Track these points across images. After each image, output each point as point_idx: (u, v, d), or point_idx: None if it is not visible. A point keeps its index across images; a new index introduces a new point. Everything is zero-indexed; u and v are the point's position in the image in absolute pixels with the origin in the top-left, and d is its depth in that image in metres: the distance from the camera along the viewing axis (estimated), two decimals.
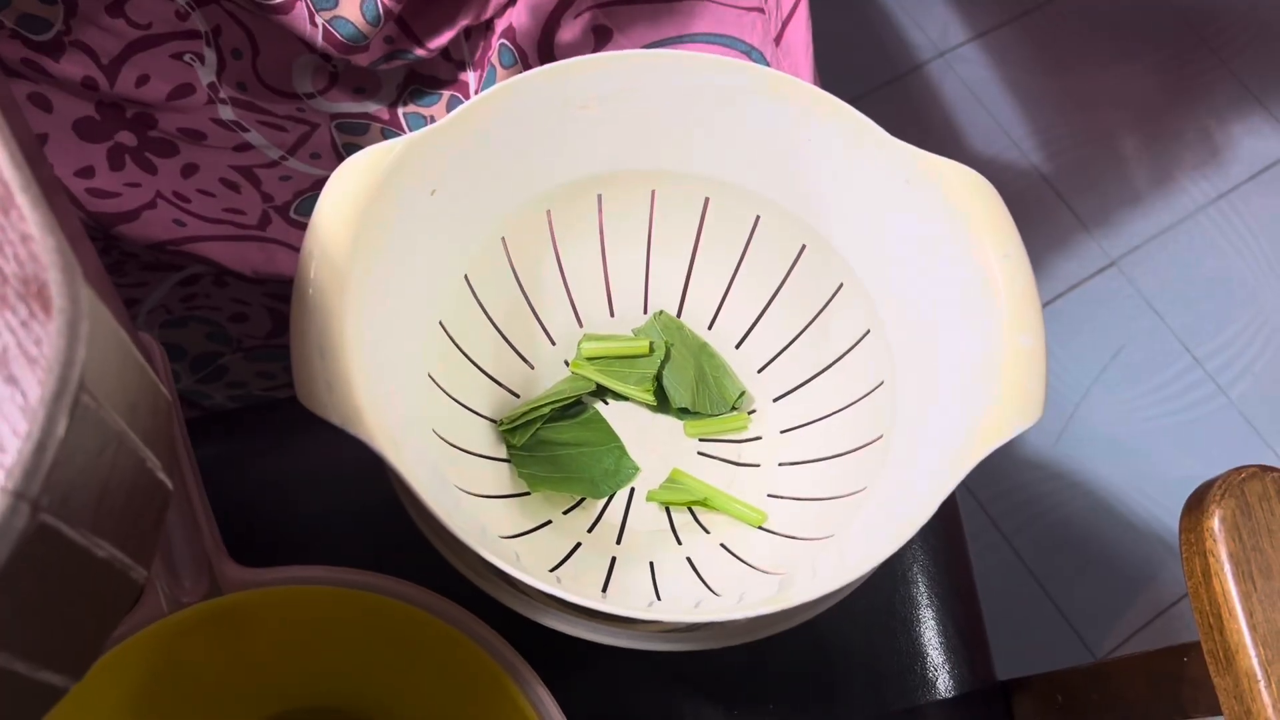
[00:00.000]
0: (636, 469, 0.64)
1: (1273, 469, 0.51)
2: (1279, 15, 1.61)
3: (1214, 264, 1.44)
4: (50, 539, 0.24)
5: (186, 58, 0.57)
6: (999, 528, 1.25)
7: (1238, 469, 0.50)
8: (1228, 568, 0.48)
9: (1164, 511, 1.27)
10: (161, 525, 0.31)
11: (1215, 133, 1.53)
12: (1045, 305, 1.38)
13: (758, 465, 0.64)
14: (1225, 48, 1.58)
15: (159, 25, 0.55)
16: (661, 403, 0.66)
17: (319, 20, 0.57)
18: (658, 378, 0.65)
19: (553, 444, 0.63)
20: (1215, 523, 0.49)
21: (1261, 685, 0.47)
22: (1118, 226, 1.45)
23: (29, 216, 0.26)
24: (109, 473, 0.27)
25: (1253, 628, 0.47)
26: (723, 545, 0.61)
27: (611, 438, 0.64)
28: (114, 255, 0.64)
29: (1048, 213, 1.45)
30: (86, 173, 0.60)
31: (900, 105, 1.46)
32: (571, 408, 0.65)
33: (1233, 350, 1.39)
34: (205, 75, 0.58)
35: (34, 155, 0.30)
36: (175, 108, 0.59)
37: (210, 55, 0.57)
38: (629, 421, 0.66)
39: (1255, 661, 0.47)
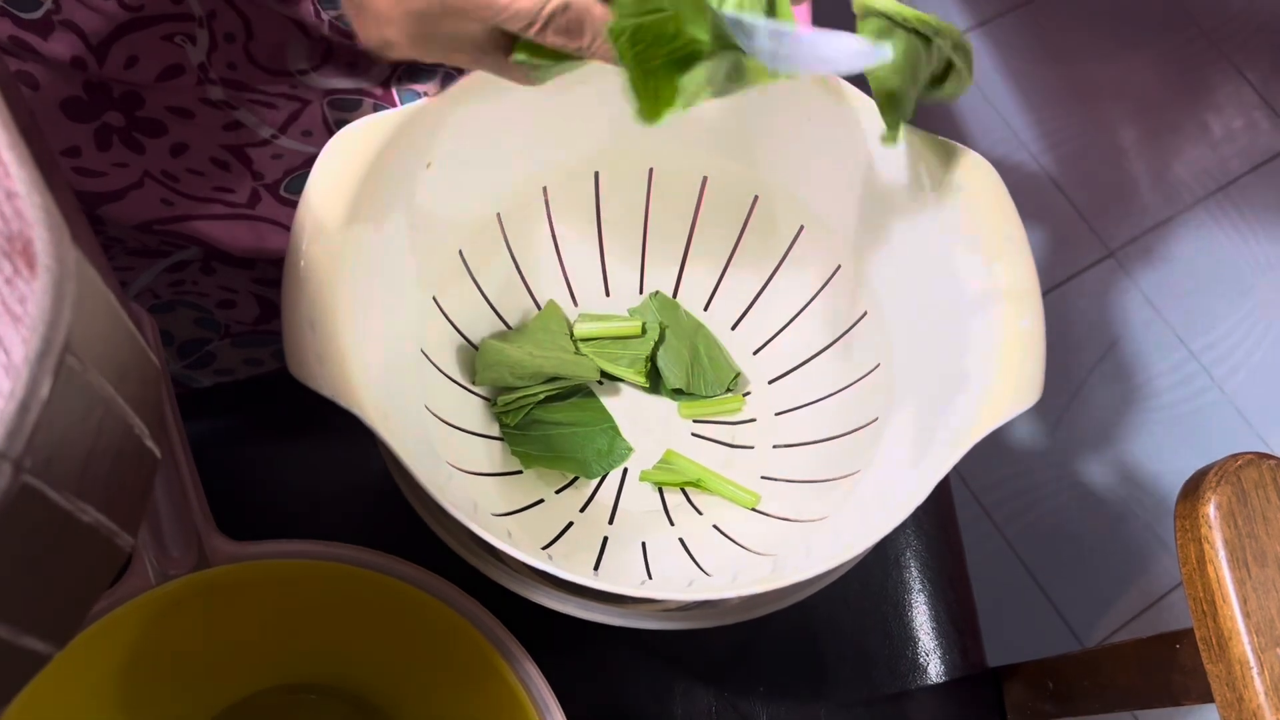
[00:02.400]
0: (629, 449, 0.63)
1: (1269, 456, 0.50)
2: (1279, 8, 1.61)
3: (1211, 257, 1.44)
4: (33, 501, 0.24)
5: (177, 39, 0.56)
6: (991, 517, 1.25)
7: (1234, 456, 0.50)
8: (1222, 554, 0.48)
9: (1156, 504, 1.27)
10: (149, 493, 0.31)
11: (1214, 126, 1.52)
12: (1042, 295, 1.38)
13: (752, 447, 0.64)
14: (1226, 41, 1.58)
15: (151, 7, 0.54)
16: (656, 384, 0.66)
17: (325, 16, 0.56)
18: (652, 359, 0.65)
19: (546, 423, 0.63)
20: (1211, 509, 0.49)
21: (1254, 672, 0.47)
22: (1115, 218, 1.44)
23: (15, 173, 0.25)
24: (95, 437, 0.26)
25: (1246, 615, 0.47)
26: (715, 526, 0.60)
27: (605, 418, 0.64)
28: (100, 239, 0.63)
29: (1046, 203, 1.44)
30: (73, 152, 0.59)
31: None
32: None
33: (1228, 343, 1.38)
34: (196, 56, 0.57)
35: (27, 125, 0.30)
36: (164, 88, 0.58)
37: (202, 36, 0.56)
38: (623, 402, 0.65)
39: (1248, 649, 0.47)
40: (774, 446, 0.63)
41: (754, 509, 0.61)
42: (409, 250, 0.56)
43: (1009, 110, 1.49)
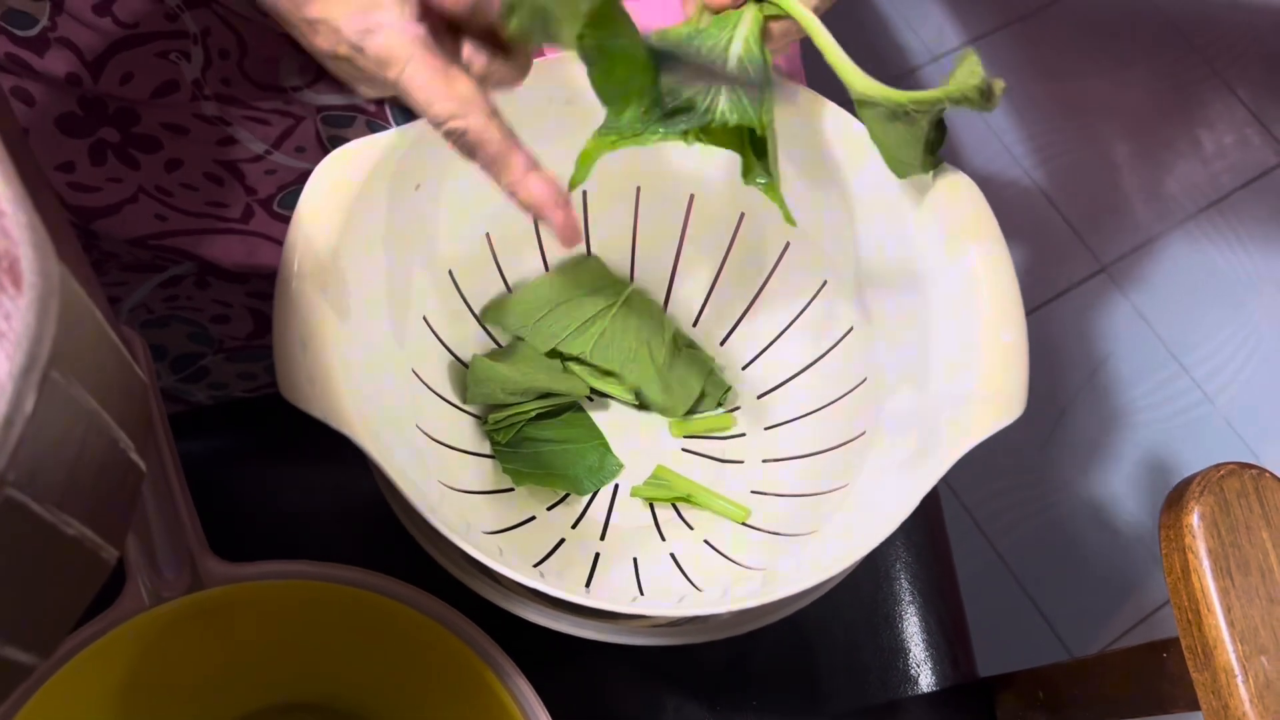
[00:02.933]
0: (620, 466, 0.64)
1: (1251, 466, 0.51)
2: (1271, 25, 1.62)
3: (1203, 272, 1.44)
4: (16, 514, 0.24)
5: (172, 56, 0.57)
6: (983, 531, 1.25)
7: (1217, 466, 0.51)
8: (1206, 564, 0.48)
9: (1148, 518, 1.27)
10: (134, 506, 0.31)
11: (1206, 141, 1.53)
12: (1034, 310, 1.38)
13: (742, 462, 0.64)
14: (1218, 58, 1.58)
15: (146, 25, 0.55)
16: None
17: None
18: None
19: (537, 441, 0.63)
20: (1194, 519, 0.49)
21: (1239, 680, 0.47)
22: (1108, 233, 1.45)
23: (1, 191, 0.26)
24: (79, 451, 0.27)
25: (1230, 624, 0.48)
26: (706, 541, 0.61)
27: (595, 435, 0.64)
28: (94, 254, 0.64)
29: (1038, 218, 1.45)
30: (67, 167, 0.59)
31: None
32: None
33: (1220, 358, 1.39)
34: (190, 72, 0.58)
35: (15, 143, 0.30)
36: (159, 104, 0.59)
37: (197, 53, 0.57)
38: (613, 418, 0.66)
39: (1233, 657, 0.47)
40: (764, 461, 0.64)
41: (744, 523, 0.61)
42: (399, 270, 0.57)
43: (1001, 126, 1.50)
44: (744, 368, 0.66)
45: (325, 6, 0.43)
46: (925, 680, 0.66)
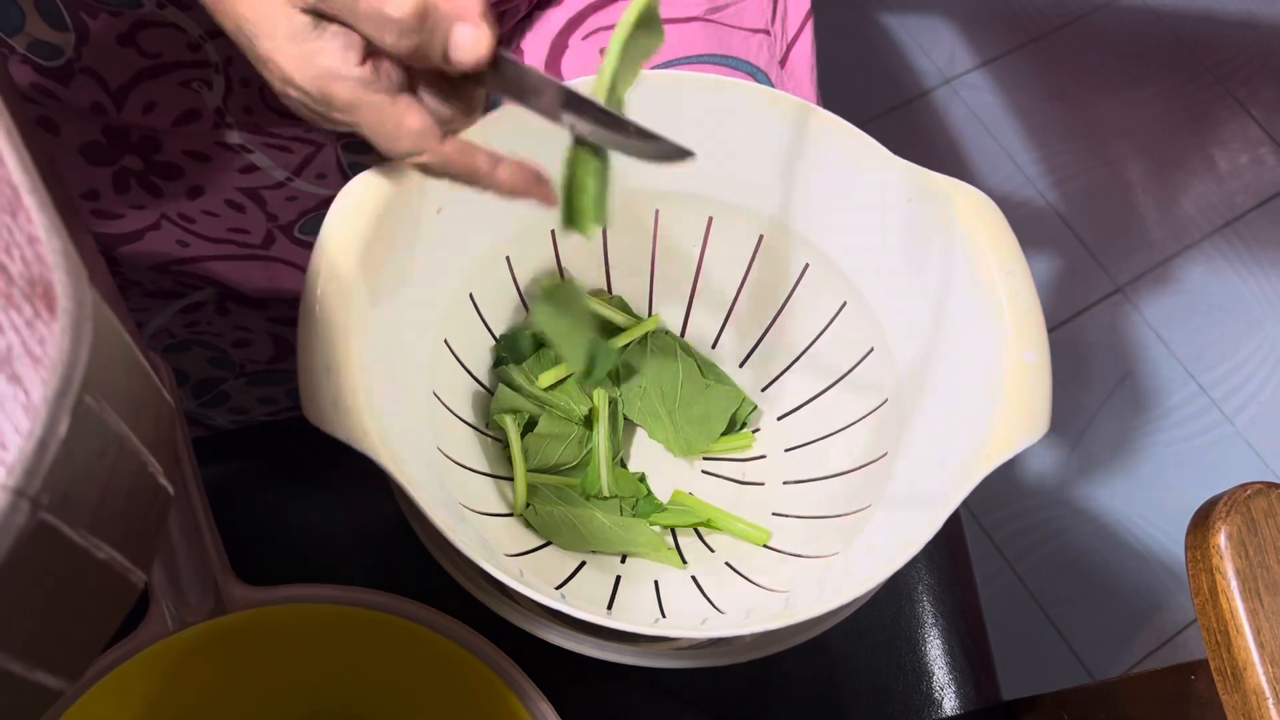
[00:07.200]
0: (660, 543, 0.62)
1: (1277, 485, 0.50)
2: None
3: (1219, 291, 1.44)
4: (50, 537, 0.24)
5: (194, 85, 0.57)
6: (1002, 553, 1.24)
7: (1243, 485, 0.50)
8: (1234, 584, 0.48)
9: (1168, 538, 1.27)
10: (161, 530, 0.31)
11: (1220, 161, 1.53)
12: (1051, 331, 1.37)
13: (762, 484, 0.64)
14: (1230, 77, 1.58)
15: (169, 54, 0.56)
16: None
17: None
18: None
19: (567, 505, 0.62)
20: (1221, 539, 0.49)
21: (1270, 702, 0.46)
22: (1123, 253, 1.45)
23: (36, 219, 0.26)
24: (110, 474, 0.27)
25: (1260, 645, 0.47)
26: (728, 564, 0.60)
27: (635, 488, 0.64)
28: (117, 281, 0.64)
29: (1053, 239, 1.45)
30: (91, 195, 0.60)
31: (906, 130, 1.47)
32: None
33: (1238, 377, 1.38)
34: (212, 101, 0.58)
35: (47, 170, 0.31)
36: (181, 132, 0.59)
37: (218, 82, 0.58)
38: (633, 443, 0.66)
39: (1263, 679, 0.47)
40: (784, 483, 0.63)
41: (766, 545, 0.61)
42: (420, 294, 0.57)
43: (1015, 147, 1.50)
44: (763, 389, 0.66)
45: (273, 45, 0.42)
46: (949, 703, 0.66)
